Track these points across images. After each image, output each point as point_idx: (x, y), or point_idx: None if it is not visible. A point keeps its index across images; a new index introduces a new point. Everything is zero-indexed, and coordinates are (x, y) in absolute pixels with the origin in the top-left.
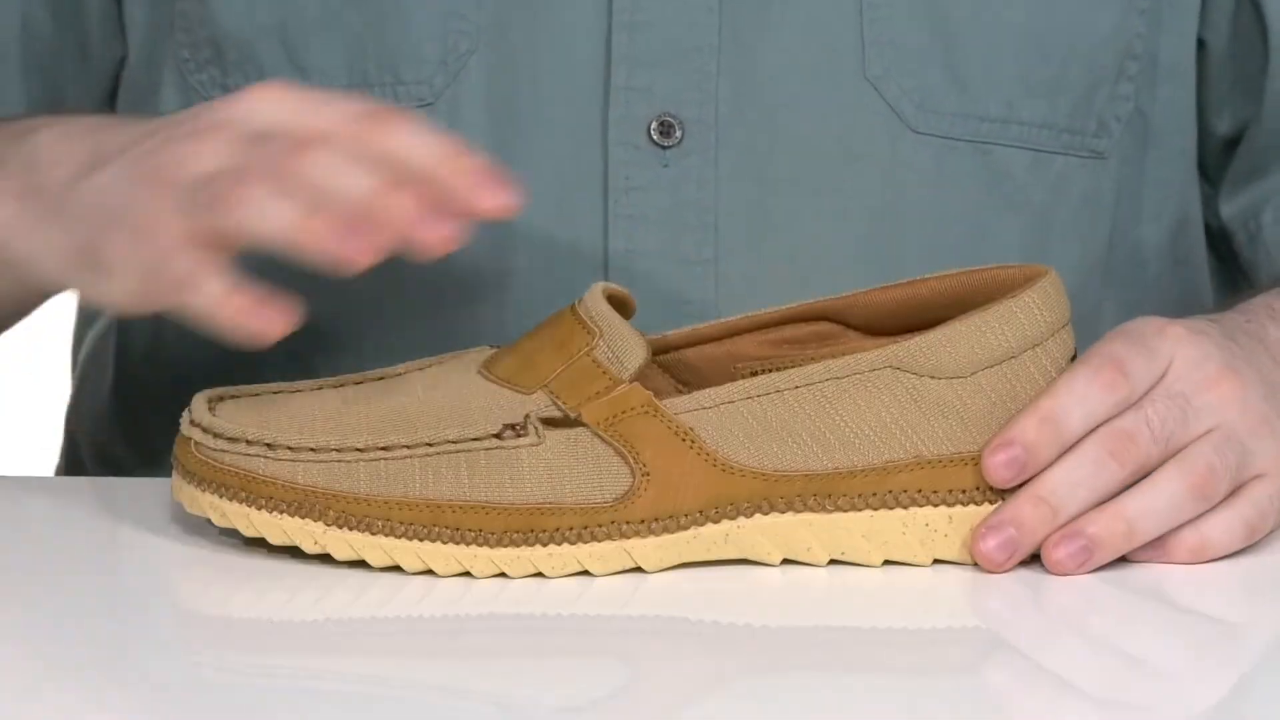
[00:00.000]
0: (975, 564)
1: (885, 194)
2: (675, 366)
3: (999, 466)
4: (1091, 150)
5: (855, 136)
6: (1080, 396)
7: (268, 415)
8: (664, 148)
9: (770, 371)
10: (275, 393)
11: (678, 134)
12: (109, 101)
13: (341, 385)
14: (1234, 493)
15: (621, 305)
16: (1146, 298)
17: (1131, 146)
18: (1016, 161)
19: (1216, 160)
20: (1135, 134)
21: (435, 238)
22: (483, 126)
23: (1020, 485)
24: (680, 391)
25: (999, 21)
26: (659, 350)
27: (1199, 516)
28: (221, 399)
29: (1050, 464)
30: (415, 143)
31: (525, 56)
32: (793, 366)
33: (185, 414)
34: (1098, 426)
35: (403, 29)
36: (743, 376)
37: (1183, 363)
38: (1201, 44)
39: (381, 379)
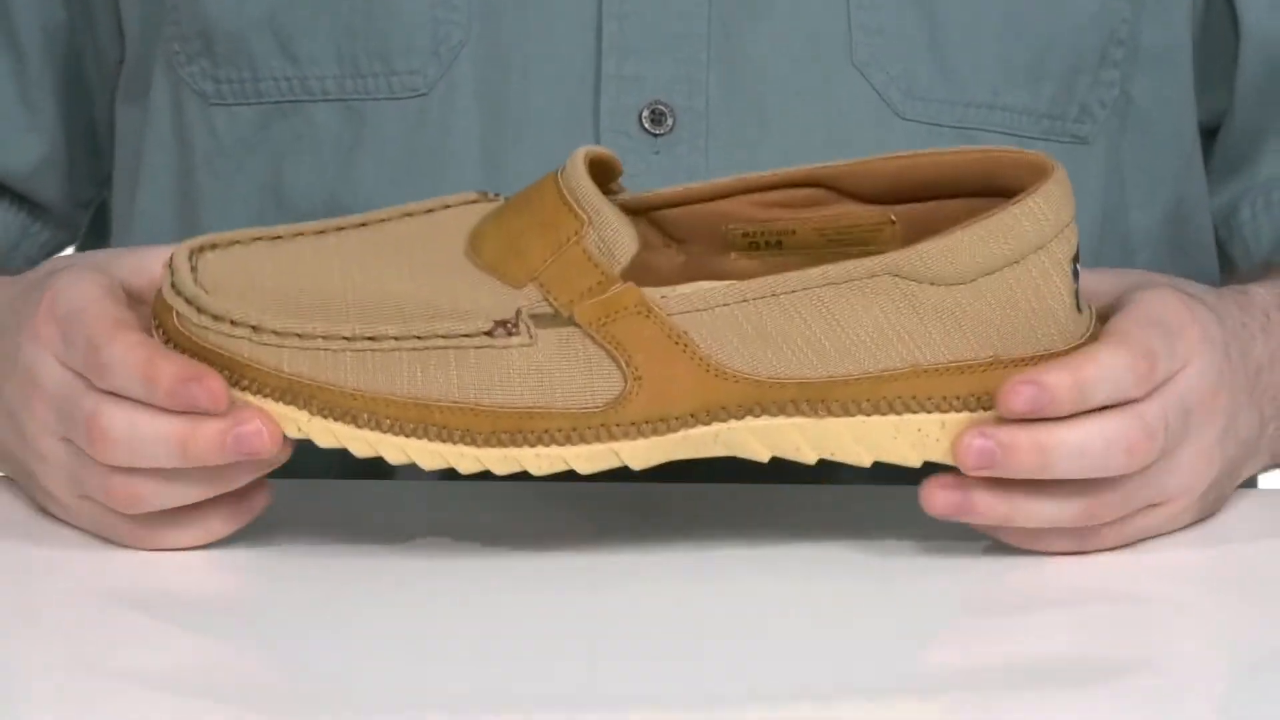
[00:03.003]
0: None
1: None
2: (665, 223)
3: (1018, 397)
4: (1074, 135)
5: (843, 123)
6: (1115, 379)
7: (253, 281)
8: (655, 135)
9: (760, 234)
10: (256, 239)
11: (669, 122)
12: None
13: (323, 233)
14: (1131, 516)
15: (607, 169)
16: None
17: (1118, 132)
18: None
19: (1204, 150)
20: (1121, 119)
21: (260, 443)
22: (475, 116)
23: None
24: (668, 246)
25: (984, 6)
26: (650, 207)
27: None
28: (203, 250)
29: (1065, 419)
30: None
31: (516, 46)
32: (783, 229)
33: (166, 273)
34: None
35: (392, 17)
36: (733, 237)
37: (1195, 372)
38: None
39: (364, 225)
